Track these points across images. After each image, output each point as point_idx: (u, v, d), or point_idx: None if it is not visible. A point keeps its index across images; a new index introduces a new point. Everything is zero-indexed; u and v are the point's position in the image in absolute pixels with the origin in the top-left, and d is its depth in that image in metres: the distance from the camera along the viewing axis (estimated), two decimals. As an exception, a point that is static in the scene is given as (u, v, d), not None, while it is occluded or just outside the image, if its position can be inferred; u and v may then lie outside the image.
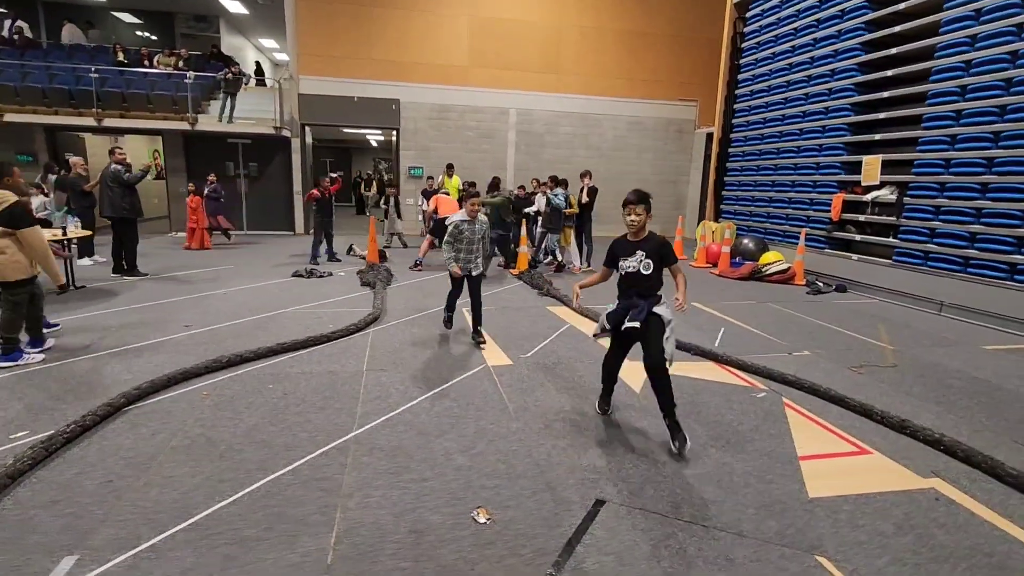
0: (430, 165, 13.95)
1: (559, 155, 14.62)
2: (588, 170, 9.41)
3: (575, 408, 3.68)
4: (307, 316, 5.79)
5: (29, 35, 13.63)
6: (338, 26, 12.84)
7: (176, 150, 12.78)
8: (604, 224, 15.03)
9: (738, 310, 6.72)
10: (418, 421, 3.38)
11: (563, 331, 5.57)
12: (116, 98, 11.67)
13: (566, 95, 14.30)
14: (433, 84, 13.53)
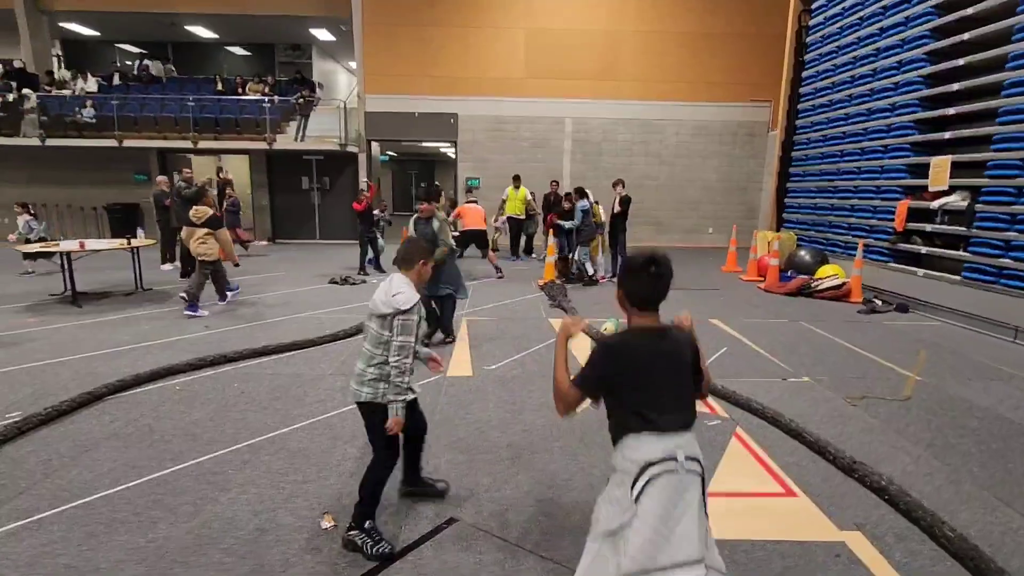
0: (487, 176, 14.28)
1: (617, 163, 14.29)
2: (620, 179, 9.15)
3: (497, 426, 3.64)
4: (310, 321, 6.22)
5: (154, 73, 15.90)
6: (400, 47, 13.61)
7: (260, 167, 14.24)
8: (660, 235, 14.50)
9: (757, 329, 6.18)
10: (340, 426, 3.55)
11: (547, 344, 5.49)
12: (211, 123, 13.26)
13: (624, 102, 13.97)
14: (489, 97, 13.86)
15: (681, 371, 1.73)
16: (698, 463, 1.63)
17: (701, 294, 8.19)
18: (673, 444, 1.61)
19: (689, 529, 1.53)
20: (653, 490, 1.55)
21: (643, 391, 1.65)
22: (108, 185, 13.96)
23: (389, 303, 2.25)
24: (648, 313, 1.78)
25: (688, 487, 1.58)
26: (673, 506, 1.54)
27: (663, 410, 1.63)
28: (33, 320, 6.08)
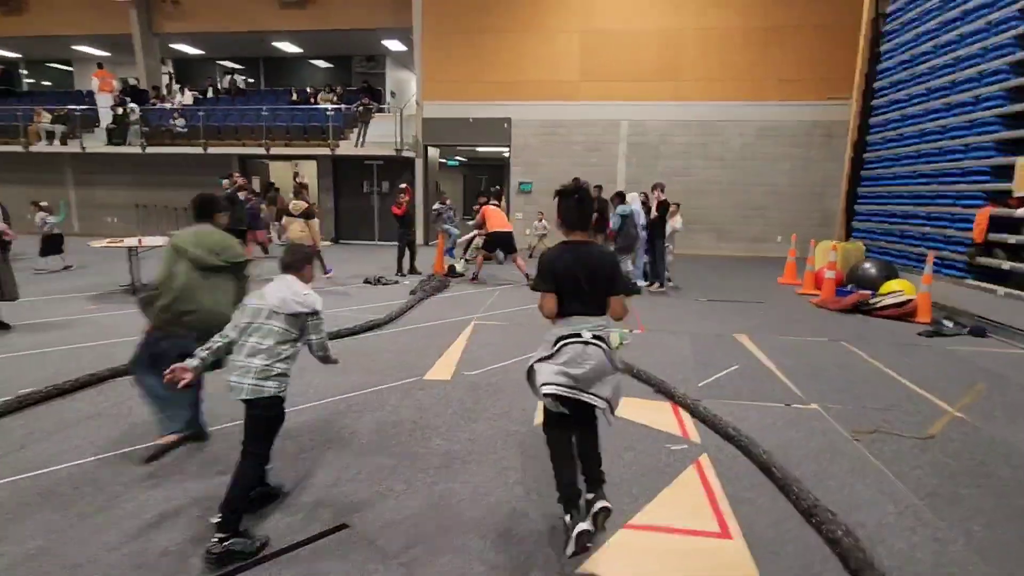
0: (539, 180, 14.19)
1: (674, 167, 13.66)
2: (660, 183, 8.69)
3: (444, 432, 3.54)
4: (336, 316, 6.43)
5: (241, 86, 17.39)
6: (456, 54, 13.89)
7: (326, 171, 15.11)
8: (722, 242, 13.64)
9: (786, 347, 5.61)
10: (308, 420, 3.62)
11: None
12: (283, 130, 14.27)
13: (683, 103, 13.33)
14: (543, 101, 13.77)
15: (596, 276, 2.29)
16: (601, 339, 2.27)
17: (741, 307, 7.59)
18: (582, 326, 2.26)
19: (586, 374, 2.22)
20: (565, 350, 2.24)
21: (567, 288, 2.28)
22: (197, 188, 15.14)
23: (305, 303, 2.44)
24: (576, 232, 2.37)
25: (591, 354, 2.23)
26: (576, 362, 2.22)
27: (579, 302, 2.28)
28: (93, 307, 6.81)
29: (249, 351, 2.38)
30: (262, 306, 2.41)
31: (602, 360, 2.23)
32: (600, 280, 2.28)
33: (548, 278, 2.30)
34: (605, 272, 2.31)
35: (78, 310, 6.65)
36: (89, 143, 15.14)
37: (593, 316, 2.29)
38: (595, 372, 2.22)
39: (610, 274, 2.33)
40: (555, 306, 2.29)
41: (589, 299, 2.28)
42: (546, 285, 2.31)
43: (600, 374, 2.24)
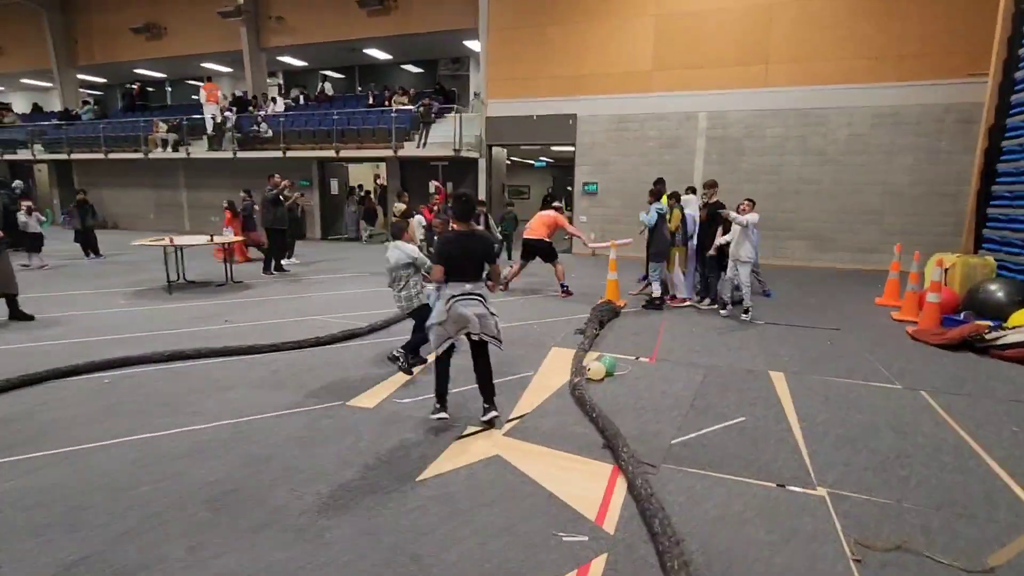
0: (607, 180, 13.13)
1: (763, 163, 11.86)
2: (713, 180, 7.39)
3: (307, 480, 2.95)
4: (316, 324, 6.16)
5: (329, 92, 18.27)
6: (521, 49, 13.26)
7: (395, 172, 15.29)
8: (819, 252, 11.59)
9: (829, 394, 4.27)
10: (156, 447, 3.25)
11: (498, 382, 4.51)
12: (354, 134, 14.65)
13: (774, 89, 11.50)
14: (611, 94, 12.68)
15: (474, 255, 3.46)
16: (477, 295, 3.43)
17: (805, 334, 6.13)
18: (462, 289, 3.39)
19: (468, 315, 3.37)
20: (455, 306, 3.37)
21: (454, 263, 3.41)
22: (283, 190, 16.41)
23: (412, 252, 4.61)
24: (462, 223, 3.52)
25: (470, 304, 3.40)
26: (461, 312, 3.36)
27: (461, 273, 3.42)
28: (124, 302, 7.20)
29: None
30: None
31: (479, 307, 3.41)
32: (476, 257, 3.46)
33: (441, 255, 3.46)
34: (479, 253, 3.48)
35: (112, 303, 7.04)
36: (195, 150, 16.76)
37: (470, 282, 3.43)
38: (475, 315, 3.38)
39: (483, 253, 3.50)
40: (442, 275, 3.40)
41: (469, 271, 3.42)
42: (439, 260, 3.44)
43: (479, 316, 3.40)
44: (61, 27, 20.88)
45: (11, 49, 22.17)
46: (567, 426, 3.64)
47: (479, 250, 3.44)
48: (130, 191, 19.02)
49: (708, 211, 7.21)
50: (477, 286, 3.43)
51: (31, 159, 19.39)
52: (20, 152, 19.26)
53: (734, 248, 6.65)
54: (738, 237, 6.60)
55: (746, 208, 6.70)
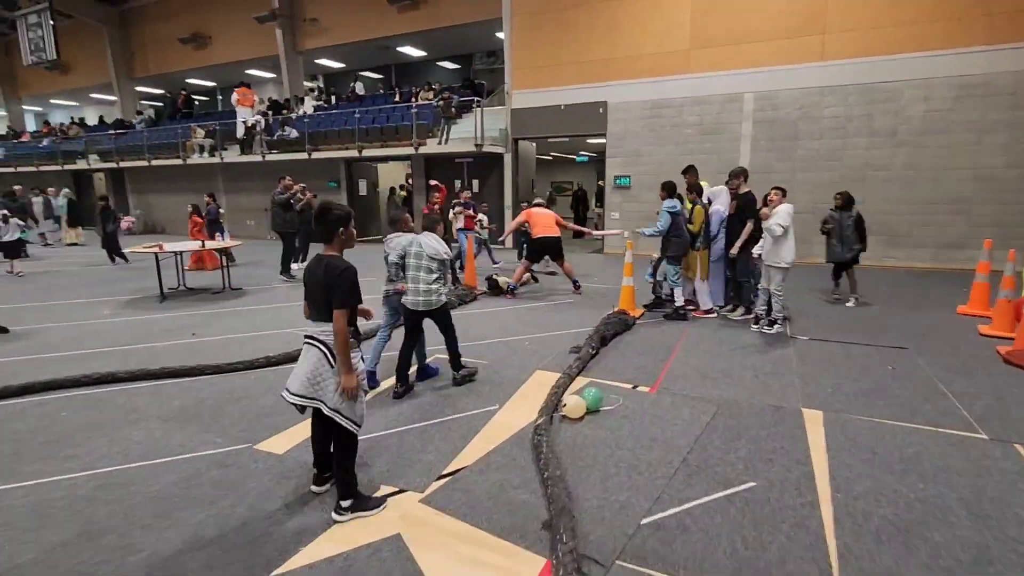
0: (640, 173, 12.01)
1: (821, 148, 10.39)
2: (742, 168, 6.24)
3: (150, 552, 2.27)
4: (287, 338, 5.58)
5: (360, 92, 18.03)
6: (546, 35, 12.34)
7: (419, 170, 14.75)
8: (892, 249, 10.00)
9: (885, 444, 3.20)
10: (67, 489, 2.68)
11: (438, 422, 3.70)
12: (378, 132, 14.22)
13: (833, 63, 10.00)
14: (645, 78, 11.54)
15: (318, 286, 2.54)
16: (317, 342, 2.56)
17: (860, 355, 4.96)
18: (311, 330, 2.59)
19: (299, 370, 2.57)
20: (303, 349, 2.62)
21: (307, 295, 2.65)
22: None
23: (448, 252, 4.07)
24: (325, 245, 2.62)
25: (306, 354, 2.58)
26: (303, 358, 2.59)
27: (312, 308, 2.62)
28: (108, 312, 6.94)
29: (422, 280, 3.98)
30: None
31: (314, 359, 2.54)
32: (318, 290, 2.54)
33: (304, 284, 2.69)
34: (323, 284, 2.52)
35: (92, 315, 6.79)
36: (229, 155, 16.93)
37: (319, 322, 2.57)
38: (303, 370, 2.54)
39: (327, 285, 2.50)
40: (306, 310, 2.69)
41: (317, 307, 2.59)
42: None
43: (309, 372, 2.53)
44: (120, 42, 21.88)
45: (79, 65, 23.50)
46: (508, 490, 2.80)
47: (320, 282, 2.51)
48: (174, 196, 19.57)
49: (735, 204, 6.10)
50: (323, 330, 2.54)
51: (87, 168, 20.37)
52: (79, 162, 20.27)
53: (768, 252, 5.56)
54: (770, 237, 5.52)
55: (775, 199, 5.56)
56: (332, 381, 2.52)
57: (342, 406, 2.52)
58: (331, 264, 2.51)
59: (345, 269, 2.50)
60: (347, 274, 2.49)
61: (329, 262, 2.53)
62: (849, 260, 6.85)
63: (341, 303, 2.46)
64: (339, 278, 2.47)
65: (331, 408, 2.52)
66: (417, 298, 3.97)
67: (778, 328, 5.71)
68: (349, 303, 2.48)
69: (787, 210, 5.49)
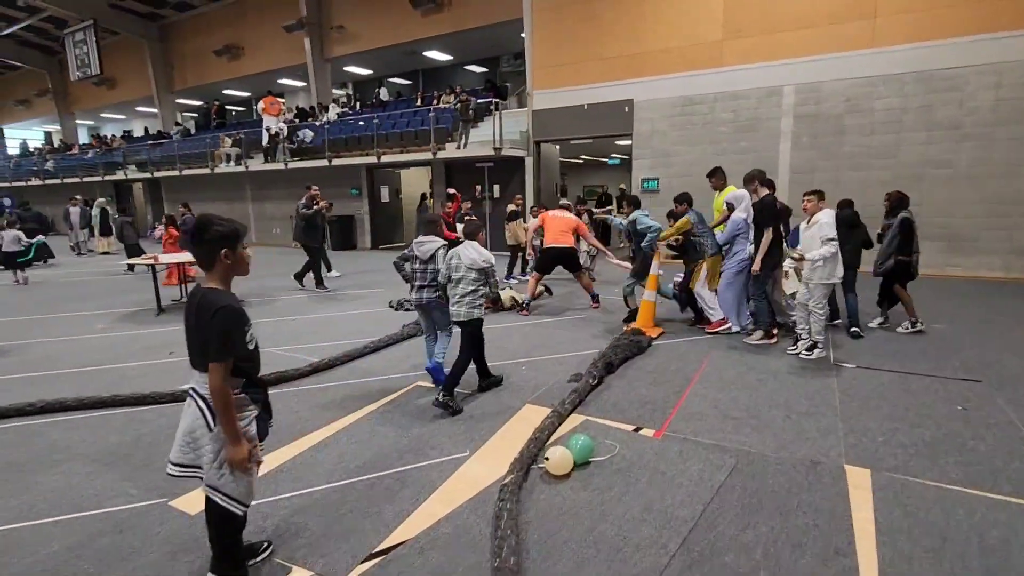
0: (669, 176, 11.20)
1: (872, 144, 9.35)
2: (757, 171, 5.43)
3: None
4: (282, 357, 5.13)
5: (384, 98, 17.83)
6: (566, 30, 11.71)
7: (440, 176, 14.34)
8: (957, 257, 8.87)
9: (957, 523, 2.41)
10: None
11: (394, 473, 3.12)
12: (397, 137, 13.90)
13: (885, 49, 8.98)
14: (674, 74, 10.75)
15: (191, 329, 1.97)
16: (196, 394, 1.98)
17: (920, 388, 4.11)
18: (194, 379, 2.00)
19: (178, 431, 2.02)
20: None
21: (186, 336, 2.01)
22: (333, 198, 16.09)
23: (488, 260, 3.98)
24: (207, 273, 1.99)
25: (188, 406, 2.02)
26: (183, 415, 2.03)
27: (192, 353, 1.99)
28: (101, 327, 6.71)
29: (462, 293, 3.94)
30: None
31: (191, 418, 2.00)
32: (191, 333, 1.98)
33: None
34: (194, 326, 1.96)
35: (86, 329, 6.57)
36: (254, 163, 17.00)
37: (198, 370, 1.98)
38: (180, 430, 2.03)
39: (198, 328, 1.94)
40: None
41: (192, 351, 2.00)
42: None
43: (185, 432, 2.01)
44: (160, 55, 22.52)
45: (124, 80, 24.38)
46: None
47: (192, 324, 1.96)
48: (206, 205, 19.83)
49: (760, 211, 5.34)
50: (201, 380, 1.96)
51: (125, 179, 20.97)
52: (118, 173, 20.90)
53: (810, 269, 4.80)
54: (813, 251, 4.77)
55: (809, 206, 4.84)
56: (210, 447, 1.97)
57: (220, 481, 1.97)
58: (205, 301, 1.92)
59: (220, 309, 1.88)
60: (222, 316, 1.88)
61: (204, 297, 1.94)
62: (886, 272, 5.64)
63: (214, 354, 1.88)
64: (211, 321, 1.87)
65: (206, 484, 1.98)
66: (455, 307, 3.98)
67: (818, 352, 4.90)
68: (223, 355, 1.88)
69: (829, 219, 4.73)
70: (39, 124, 31.37)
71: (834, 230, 4.72)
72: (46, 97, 27.69)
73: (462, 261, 3.94)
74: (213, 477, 1.97)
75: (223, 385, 1.89)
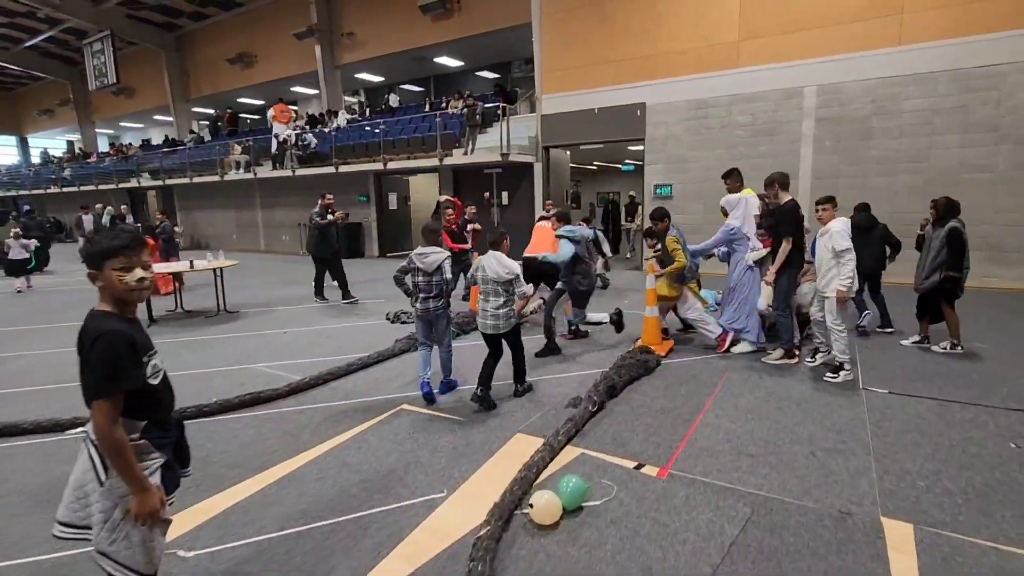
0: (684, 181, 10.75)
1: (901, 148, 8.81)
2: (779, 174, 4.99)
3: None
4: (234, 378, 4.83)
5: (393, 104, 17.67)
6: (578, 32, 11.35)
7: (448, 183, 14.05)
8: (999, 268, 8.25)
9: None
10: None
11: (356, 518, 2.74)
12: (404, 144, 13.64)
13: (915, 46, 8.45)
14: (687, 75, 10.31)
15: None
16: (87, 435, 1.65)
17: (963, 420, 3.63)
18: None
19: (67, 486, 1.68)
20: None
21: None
22: (341, 205, 15.87)
23: (512, 270, 3.91)
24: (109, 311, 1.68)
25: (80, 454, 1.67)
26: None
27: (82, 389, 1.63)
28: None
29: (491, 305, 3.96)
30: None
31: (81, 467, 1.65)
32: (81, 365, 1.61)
33: None
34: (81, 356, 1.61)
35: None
36: (263, 170, 16.90)
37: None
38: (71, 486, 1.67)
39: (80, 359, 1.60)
40: None
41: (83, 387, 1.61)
42: None
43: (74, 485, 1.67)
44: (176, 65, 22.73)
45: (141, 90, 24.70)
46: (396, 670, 1.80)
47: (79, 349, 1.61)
48: (217, 212, 19.91)
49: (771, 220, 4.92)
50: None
51: (138, 186, 21.10)
52: (132, 181, 21.04)
53: (823, 279, 4.42)
54: (826, 261, 4.39)
55: (826, 215, 4.49)
56: (99, 505, 1.61)
57: (112, 547, 1.60)
58: (87, 326, 1.61)
59: (101, 336, 1.56)
60: (103, 344, 1.55)
61: (87, 322, 1.63)
62: (930, 289, 5.05)
63: (94, 390, 1.55)
64: (91, 351, 1.56)
65: (96, 550, 1.63)
66: (486, 321, 3.99)
67: (844, 375, 4.44)
68: (104, 391, 1.54)
69: (841, 228, 4.36)
70: (62, 133, 31.99)
71: (847, 239, 4.32)
72: (68, 107, 28.20)
73: (487, 274, 3.91)
74: (103, 541, 1.61)
75: (110, 427, 1.55)
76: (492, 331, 3.97)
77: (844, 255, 4.29)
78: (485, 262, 3.96)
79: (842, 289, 4.31)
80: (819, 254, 4.54)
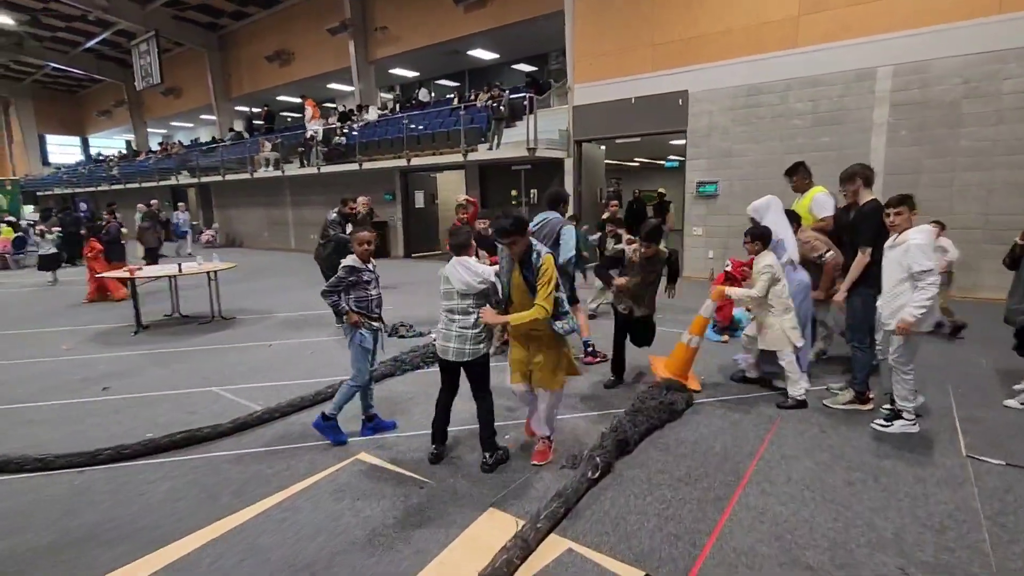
0: (730, 177, 9.56)
1: (1001, 137, 7.39)
2: (859, 166, 3.88)
3: None
4: (221, 402, 4.18)
5: (423, 99, 17.07)
6: (613, 15, 10.31)
7: (474, 181, 13.29)
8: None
9: None
10: None
11: None
12: (429, 139, 12.97)
13: (1019, 15, 7.01)
14: (736, 59, 9.11)
15: None
16: None
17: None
18: None
19: None
20: None
21: None
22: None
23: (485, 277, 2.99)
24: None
25: None
26: None
27: None
28: (66, 347, 6.05)
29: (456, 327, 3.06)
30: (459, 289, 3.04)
31: None
32: None
33: None
34: None
35: (50, 350, 5.93)
36: (291, 168, 16.64)
37: None
38: None
39: None
40: None
41: None
42: None
43: None
44: (219, 64, 23.01)
45: (187, 89, 25.21)
46: None
47: None
48: (250, 210, 19.91)
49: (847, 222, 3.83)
50: None
51: (177, 184, 21.42)
52: (172, 179, 21.40)
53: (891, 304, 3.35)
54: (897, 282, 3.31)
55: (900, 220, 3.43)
56: None
57: None
58: None
59: None
60: None
61: None
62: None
63: None
64: None
65: None
66: (448, 345, 3.04)
67: (903, 425, 3.36)
68: None
69: (924, 240, 3.27)
70: (119, 133, 33.30)
71: (930, 257, 3.22)
72: (123, 107, 29.26)
73: (452, 286, 3.01)
74: None
75: None
76: (455, 357, 3.01)
77: (925, 277, 3.20)
78: (450, 272, 3.03)
79: (909, 319, 3.21)
80: (888, 271, 3.44)
